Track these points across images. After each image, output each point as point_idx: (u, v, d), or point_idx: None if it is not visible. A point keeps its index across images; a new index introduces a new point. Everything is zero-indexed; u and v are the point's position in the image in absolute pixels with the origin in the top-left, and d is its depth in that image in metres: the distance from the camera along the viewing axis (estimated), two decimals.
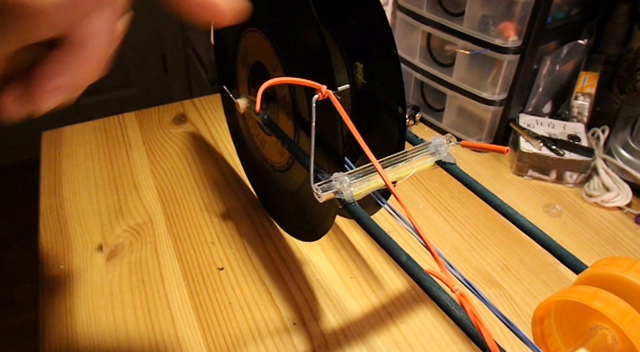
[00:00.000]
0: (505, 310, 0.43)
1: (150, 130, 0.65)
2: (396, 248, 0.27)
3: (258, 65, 0.40)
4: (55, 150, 0.62)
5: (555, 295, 0.24)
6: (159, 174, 0.58)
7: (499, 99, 0.59)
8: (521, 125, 0.59)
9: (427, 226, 0.52)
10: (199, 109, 0.70)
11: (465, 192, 0.34)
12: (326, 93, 0.30)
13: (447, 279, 0.24)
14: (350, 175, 0.30)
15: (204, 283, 0.45)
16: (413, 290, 0.45)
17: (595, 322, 0.24)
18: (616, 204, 0.54)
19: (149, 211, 0.53)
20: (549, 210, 0.54)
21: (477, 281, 0.46)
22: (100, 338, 0.41)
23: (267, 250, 0.49)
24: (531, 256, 0.48)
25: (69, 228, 0.51)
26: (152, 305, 0.44)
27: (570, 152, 0.55)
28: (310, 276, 0.46)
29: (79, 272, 0.46)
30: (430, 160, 0.33)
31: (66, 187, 0.56)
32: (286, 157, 0.41)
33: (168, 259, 0.48)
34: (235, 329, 0.42)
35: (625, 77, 0.65)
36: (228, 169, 0.59)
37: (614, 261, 0.25)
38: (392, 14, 0.65)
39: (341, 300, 0.44)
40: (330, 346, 0.40)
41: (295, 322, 0.42)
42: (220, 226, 0.51)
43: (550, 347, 0.27)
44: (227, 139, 0.63)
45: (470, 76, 0.60)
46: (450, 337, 0.41)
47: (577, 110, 0.61)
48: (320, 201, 0.29)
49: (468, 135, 0.64)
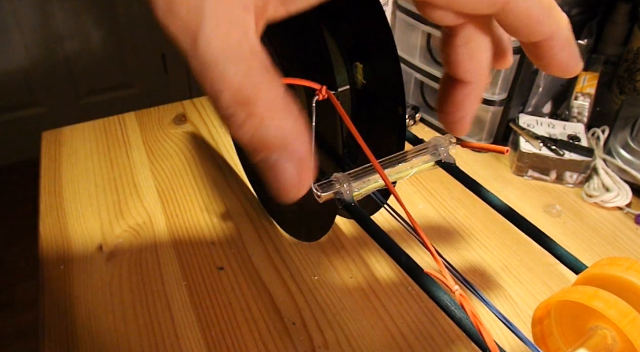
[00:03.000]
0: (505, 310, 0.43)
1: (150, 130, 0.65)
2: (396, 248, 0.27)
3: None
4: (55, 150, 0.62)
5: (555, 295, 0.24)
6: (159, 174, 0.58)
7: (498, 99, 0.59)
8: (521, 125, 0.59)
9: (427, 226, 0.52)
10: (199, 109, 0.70)
11: (465, 192, 0.34)
12: (326, 93, 0.30)
13: (447, 279, 0.24)
14: (350, 175, 0.30)
15: (204, 283, 0.45)
16: (413, 290, 0.45)
17: (595, 322, 0.24)
18: (616, 204, 0.54)
19: (149, 211, 0.53)
20: (549, 210, 0.54)
21: (477, 281, 0.46)
22: (100, 338, 0.41)
23: (267, 250, 0.48)
24: (531, 256, 0.48)
25: (69, 228, 0.51)
26: (152, 305, 0.44)
27: (570, 152, 0.55)
28: (310, 276, 0.46)
29: (79, 272, 0.46)
30: (430, 161, 0.33)
31: (66, 187, 0.56)
32: None
33: (168, 259, 0.48)
34: (235, 329, 0.42)
35: (625, 77, 0.65)
36: (228, 169, 0.59)
37: (614, 261, 0.25)
38: (392, 14, 0.65)
39: (341, 300, 0.44)
40: (330, 346, 0.40)
41: (295, 322, 0.42)
42: (220, 226, 0.51)
43: (550, 347, 0.27)
44: (227, 139, 0.63)
45: None
46: (450, 337, 0.41)
47: (577, 111, 0.61)
48: (320, 201, 0.29)
49: (468, 135, 0.64)
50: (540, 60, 0.22)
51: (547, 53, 0.21)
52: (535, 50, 0.22)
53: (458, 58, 0.22)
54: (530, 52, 0.22)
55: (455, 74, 0.23)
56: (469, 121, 0.24)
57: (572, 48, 0.21)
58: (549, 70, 0.22)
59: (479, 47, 0.22)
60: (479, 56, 0.22)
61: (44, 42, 1.72)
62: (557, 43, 0.21)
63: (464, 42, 0.22)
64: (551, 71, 0.22)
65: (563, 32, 0.21)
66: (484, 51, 0.22)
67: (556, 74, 0.22)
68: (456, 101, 0.24)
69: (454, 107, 0.24)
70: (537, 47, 0.21)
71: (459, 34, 0.21)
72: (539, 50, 0.21)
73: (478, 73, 0.22)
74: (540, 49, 0.21)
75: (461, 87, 0.23)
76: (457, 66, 0.22)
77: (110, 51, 1.82)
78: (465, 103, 0.24)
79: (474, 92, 0.23)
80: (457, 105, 0.24)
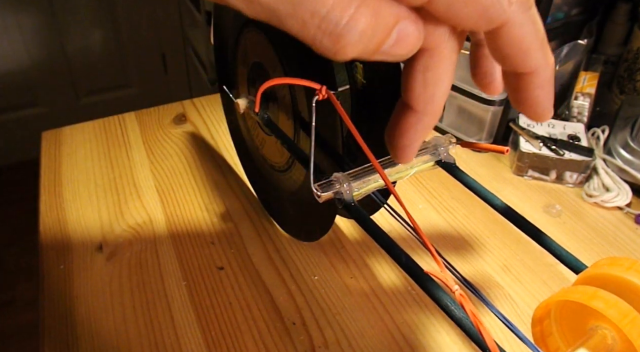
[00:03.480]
0: (505, 310, 0.44)
1: (150, 130, 0.65)
2: (396, 248, 0.27)
3: (258, 66, 0.40)
4: (55, 150, 0.62)
5: (555, 295, 0.24)
6: (159, 174, 0.58)
7: (499, 99, 0.59)
8: (521, 125, 0.59)
9: (427, 226, 0.52)
10: (199, 109, 0.70)
11: (465, 192, 0.34)
12: (326, 93, 0.30)
13: (447, 279, 0.24)
14: (350, 175, 0.30)
15: (204, 283, 0.45)
16: (413, 290, 0.45)
17: (595, 322, 0.24)
18: (616, 204, 0.54)
19: (149, 211, 0.53)
20: (549, 210, 0.54)
21: (477, 281, 0.46)
22: (100, 338, 0.41)
23: (267, 250, 0.49)
24: (531, 256, 0.48)
25: (69, 228, 0.51)
26: (152, 305, 0.44)
27: (570, 152, 0.55)
28: (310, 276, 0.46)
29: (79, 272, 0.46)
30: (430, 161, 0.33)
31: (66, 187, 0.56)
32: (286, 157, 0.41)
33: (168, 259, 0.48)
34: (235, 329, 0.42)
35: (625, 77, 0.65)
36: (228, 169, 0.59)
37: (614, 261, 0.25)
38: None
39: (341, 300, 0.44)
40: (330, 346, 0.40)
41: (295, 322, 0.42)
42: (220, 226, 0.51)
43: (550, 347, 0.27)
44: (227, 139, 0.63)
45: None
46: (450, 337, 0.41)
47: (577, 110, 0.61)
48: (320, 201, 0.29)
49: (468, 135, 0.64)
50: (517, 93, 0.22)
51: (525, 87, 0.21)
52: (515, 82, 0.21)
53: (413, 83, 0.21)
54: (509, 83, 0.22)
55: (405, 98, 0.22)
56: (412, 151, 0.24)
57: (550, 90, 0.21)
58: (522, 107, 0.22)
59: (435, 78, 0.21)
60: (433, 87, 0.21)
61: (44, 42, 1.72)
62: (539, 80, 0.21)
63: (422, 69, 0.21)
64: (523, 109, 0.22)
65: (548, 71, 0.21)
66: (440, 84, 0.21)
67: (526, 113, 0.22)
68: (402, 128, 0.23)
69: (398, 132, 0.23)
70: (517, 80, 0.21)
71: (420, 60, 0.21)
72: (519, 83, 0.21)
73: (429, 104, 0.22)
74: (520, 82, 0.21)
75: (409, 114, 0.22)
76: (409, 91, 0.22)
77: (110, 51, 1.82)
78: (410, 132, 0.23)
79: (421, 123, 0.22)
80: (401, 132, 0.23)
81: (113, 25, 1.78)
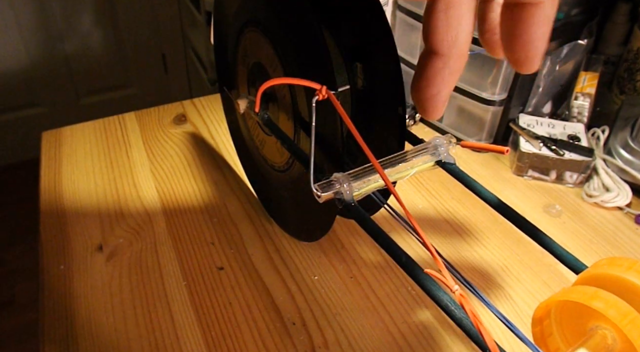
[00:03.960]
0: (505, 310, 0.44)
1: (150, 130, 0.65)
2: (396, 248, 0.27)
3: (258, 66, 0.40)
4: (55, 150, 0.62)
5: (555, 295, 0.24)
6: (159, 174, 0.58)
7: (499, 99, 0.59)
8: (521, 125, 0.59)
9: (427, 226, 0.52)
10: (199, 109, 0.70)
11: (465, 192, 0.34)
12: (326, 93, 0.30)
13: (447, 280, 0.24)
14: (350, 175, 0.30)
15: (203, 283, 0.45)
16: (413, 290, 0.45)
17: (595, 322, 0.24)
18: (616, 204, 0.54)
19: (149, 211, 0.53)
20: (549, 210, 0.54)
21: (477, 281, 0.46)
22: (100, 338, 0.41)
23: (267, 250, 0.49)
24: (531, 256, 0.48)
25: (69, 228, 0.51)
26: (152, 305, 0.44)
27: (570, 152, 0.55)
28: (310, 276, 0.46)
29: (79, 272, 0.46)
30: (430, 161, 0.33)
31: (66, 187, 0.56)
32: (286, 158, 0.41)
33: (168, 259, 0.48)
34: (235, 329, 0.42)
35: (625, 77, 0.65)
36: (228, 169, 0.59)
37: (614, 261, 0.25)
38: (392, 14, 0.65)
39: (341, 300, 0.44)
40: (330, 346, 0.40)
41: (295, 322, 0.42)
42: (220, 226, 0.51)
43: (550, 347, 0.27)
44: (227, 139, 0.63)
45: (470, 76, 0.60)
46: (450, 337, 0.41)
47: (577, 111, 0.61)
48: (320, 201, 0.29)
49: (468, 136, 0.64)
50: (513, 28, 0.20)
51: (525, 20, 0.20)
52: (515, 14, 0.20)
53: (435, 24, 0.20)
54: (507, 17, 0.21)
55: (428, 44, 0.21)
56: (441, 102, 0.22)
57: (547, 33, 0.20)
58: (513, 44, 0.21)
59: (458, 16, 0.20)
60: (456, 26, 0.20)
61: (44, 42, 1.72)
62: (541, 15, 0.20)
63: (444, 7, 0.20)
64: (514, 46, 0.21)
65: (552, 8, 0.20)
66: (463, 22, 0.20)
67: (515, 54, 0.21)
68: (428, 76, 0.21)
69: (425, 83, 0.22)
70: (519, 11, 0.20)
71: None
72: (520, 15, 0.20)
73: (453, 45, 0.21)
74: (522, 14, 0.20)
75: (435, 59, 0.21)
76: (432, 34, 0.21)
77: (110, 51, 1.82)
78: (437, 79, 0.21)
79: (447, 68, 0.21)
80: (429, 80, 0.22)
81: (113, 25, 1.78)
